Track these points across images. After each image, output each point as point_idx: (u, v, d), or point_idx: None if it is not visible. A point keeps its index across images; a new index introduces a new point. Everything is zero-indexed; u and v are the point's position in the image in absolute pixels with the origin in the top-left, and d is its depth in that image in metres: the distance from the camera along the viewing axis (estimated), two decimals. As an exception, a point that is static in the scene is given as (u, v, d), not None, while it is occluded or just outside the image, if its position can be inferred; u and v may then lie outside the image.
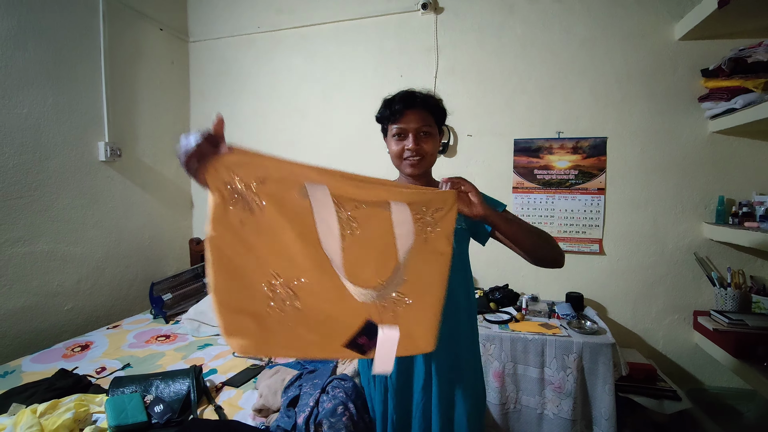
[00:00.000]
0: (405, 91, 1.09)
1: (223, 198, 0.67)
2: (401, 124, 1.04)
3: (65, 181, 1.97)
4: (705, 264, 1.96)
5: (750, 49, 1.69)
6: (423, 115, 1.04)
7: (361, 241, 0.79)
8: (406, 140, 1.05)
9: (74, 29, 2.01)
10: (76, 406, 1.16)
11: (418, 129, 1.04)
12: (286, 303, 0.71)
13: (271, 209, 0.70)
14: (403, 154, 1.05)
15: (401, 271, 0.84)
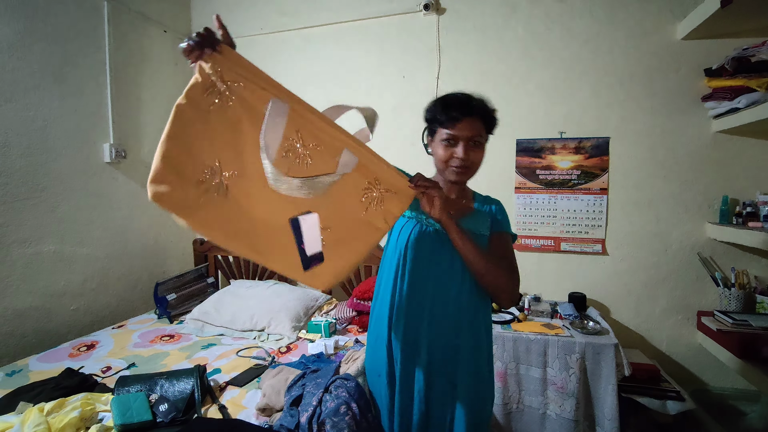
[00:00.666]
0: (461, 95, 1.05)
1: (203, 82, 0.77)
2: (454, 131, 1.02)
3: (71, 182, 2.00)
4: (709, 264, 1.95)
5: (753, 49, 1.69)
6: (477, 124, 1.02)
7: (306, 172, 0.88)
8: (455, 148, 1.02)
9: (79, 33, 2.03)
10: (82, 405, 1.18)
11: (470, 138, 1.01)
12: (215, 191, 0.79)
13: (238, 109, 0.80)
14: (450, 162, 1.03)
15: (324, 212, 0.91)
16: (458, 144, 1.02)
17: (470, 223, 1.08)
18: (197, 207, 0.77)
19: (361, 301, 2.02)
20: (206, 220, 0.79)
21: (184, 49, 0.75)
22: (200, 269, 2.52)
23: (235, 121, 0.80)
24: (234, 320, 1.99)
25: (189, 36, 0.75)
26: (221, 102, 0.79)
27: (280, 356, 1.72)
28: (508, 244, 1.12)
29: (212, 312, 2.05)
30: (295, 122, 0.85)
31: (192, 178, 0.77)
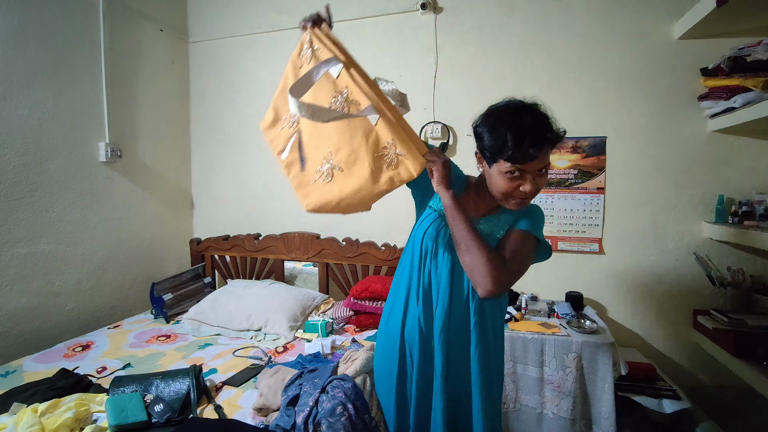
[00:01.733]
0: (532, 122, 0.90)
1: (299, 48, 1.13)
2: (524, 166, 0.90)
3: (66, 181, 1.98)
4: (705, 263, 1.96)
5: (749, 48, 1.69)
6: (547, 155, 0.92)
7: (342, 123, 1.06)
8: (522, 180, 0.92)
9: (74, 29, 2.01)
10: (76, 406, 1.17)
11: (540, 168, 0.92)
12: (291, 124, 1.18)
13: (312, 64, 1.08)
14: (514, 194, 0.94)
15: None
16: (526, 178, 0.91)
17: (487, 225, 1.04)
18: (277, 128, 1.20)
19: (358, 301, 2.01)
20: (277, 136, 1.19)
21: (304, 21, 1.10)
22: (197, 269, 2.51)
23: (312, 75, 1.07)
24: (231, 320, 1.99)
25: (304, 18, 1.10)
26: (304, 62, 1.11)
27: (276, 356, 1.71)
28: (521, 242, 1.00)
29: (209, 312, 2.05)
30: (346, 81, 1.06)
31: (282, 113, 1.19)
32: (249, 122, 2.64)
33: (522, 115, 0.92)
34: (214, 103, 2.72)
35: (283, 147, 1.18)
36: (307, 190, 1.12)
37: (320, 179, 1.09)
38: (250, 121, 2.64)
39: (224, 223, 2.72)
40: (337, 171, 1.07)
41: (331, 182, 1.08)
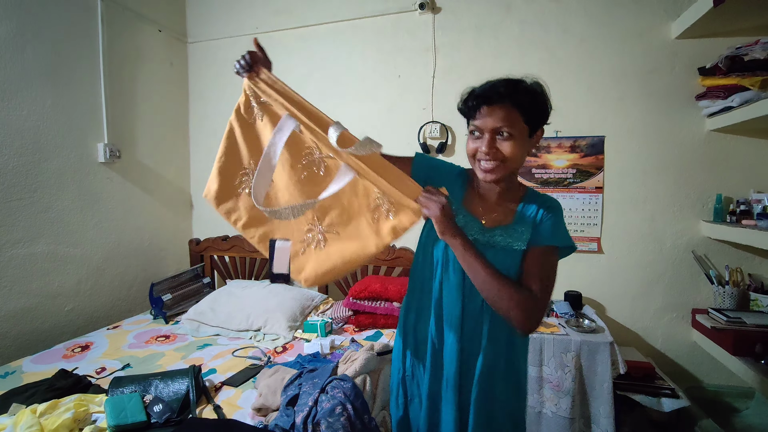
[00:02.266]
0: (493, 81, 0.92)
1: (246, 101, 1.03)
2: (477, 122, 0.91)
3: (65, 182, 1.98)
4: (703, 262, 1.96)
5: (747, 47, 1.70)
6: (505, 113, 0.88)
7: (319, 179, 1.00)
8: (481, 140, 0.91)
9: (72, 31, 2.01)
10: (75, 406, 1.17)
11: (496, 129, 0.89)
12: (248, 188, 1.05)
13: (266, 122, 1.02)
14: (476, 155, 0.93)
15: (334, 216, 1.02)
16: (482, 136, 0.91)
17: (504, 236, 0.96)
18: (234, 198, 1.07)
19: (357, 301, 2.01)
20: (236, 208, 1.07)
21: (237, 69, 1.01)
22: (196, 269, 2.51)
23: (263, 134, 1.02)
24: (230, 320, 1.99)
25: (235, 62, 1.01)
26: (255, 117, 1.03)
27: (276, 356, 1.71)
28: (546, 262, 0.95)
29: (208, 312, 2.05)
30: (309, 136, 0.98)
31: (233, 179, 1.06)
32: (248, 123, 2.64)
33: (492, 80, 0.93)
34: (213, 103, 2.72)
35: (247, 218, 1.05)
36: (298, 264, 1.02)
37: (311, 247, 1.01)
38: (248, 122, 2.64)
39: (223, 223, 2.69)
40: (332, 235, 0.99)
41: (326, 247, 0.99)
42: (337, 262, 0.99)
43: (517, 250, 0.95)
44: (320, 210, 1.00)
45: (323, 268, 1.00)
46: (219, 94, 2.70)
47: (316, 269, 1.01)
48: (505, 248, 0.95)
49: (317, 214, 1.00)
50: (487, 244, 0.96)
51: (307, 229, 1.02)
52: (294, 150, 1.00)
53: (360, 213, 0.98)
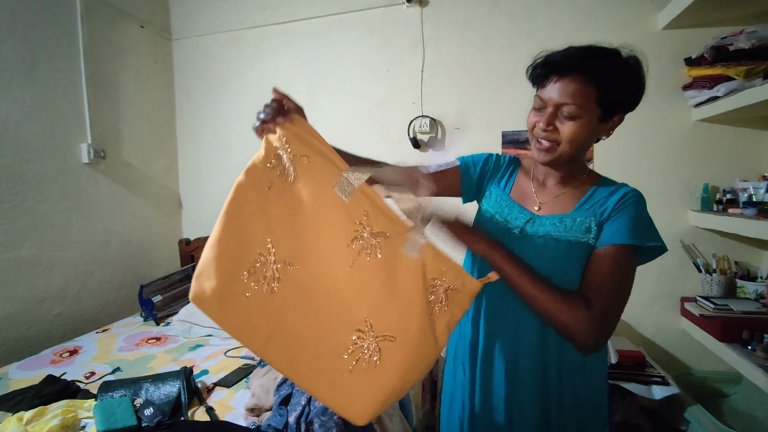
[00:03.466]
0: (568, 48, 0.80)
1: (267, 156, 0.73)
2: (540, 93, 0.80)
3: (48, 184, 1.94)
4: (691, 251, 1.99)
5: (732, 37, 1.71)
6: (575, 89, 0.75)
7: (373, 269, 0.73)
8: (542, 114, 0.79)
9: (51, 28, 1.96)
10: (63, 413, 1.15)
11: (560, 105, 0.76)
12: (264, 281, 0.70)
13: (301, 186, 0.73)
14: (534, 131, 0.81)
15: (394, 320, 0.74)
16: (544, 111, 0.79)
17: (556, 227, 0.82)
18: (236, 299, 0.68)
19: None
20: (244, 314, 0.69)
21: (256, 128, 0.74)
22: (186, 270, 2.48)
23: (296, 203, 0.73)
24: (221, 320, 1.97)
25: (259, 111, 0.73)
26: (284, 178, 0.73)
27: (269, 355, 1.70)
28: (611, 266, 0.77)
29: (199, 313, 2.02)
30: (362, 203, 0.73)
31: (241, 268, 0.69)
32: (236, 120, 2.61)
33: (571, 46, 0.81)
34: (199, 100, 2.67)
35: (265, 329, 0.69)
36: (345, 394, 0.70)
37: (362, 364, 0.71)
38: (236, 119, 2.60)
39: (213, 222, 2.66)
40: (387, 342, 0.72)
41: (380, 363, 0.71)
42: (395, 380, 0.71)
43: (573, 242, 0.80)
44: (371, 308, 0.73)
45: (382, 395, 0.71)
46: (205, 92, 2.65)
47: (374, 396, 0.70)
48: (558, 239, 0.81)
49: (367, 314, 0.72)
50: (535, 234, 0.83)
51: (356, 337, 0.72)
52: (338, 228, 0.73)
53: (418, 306, 0.74)
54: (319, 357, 0.71)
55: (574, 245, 0.80)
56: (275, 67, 2.51)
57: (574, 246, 0.80)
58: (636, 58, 0.79)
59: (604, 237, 0.79)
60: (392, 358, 0.72)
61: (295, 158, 0.72)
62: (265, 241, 0.71)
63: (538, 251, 0.82)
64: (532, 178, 0.93)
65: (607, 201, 0.82)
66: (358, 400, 0.70)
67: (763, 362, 1.47)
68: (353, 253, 0.72)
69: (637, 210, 0.81)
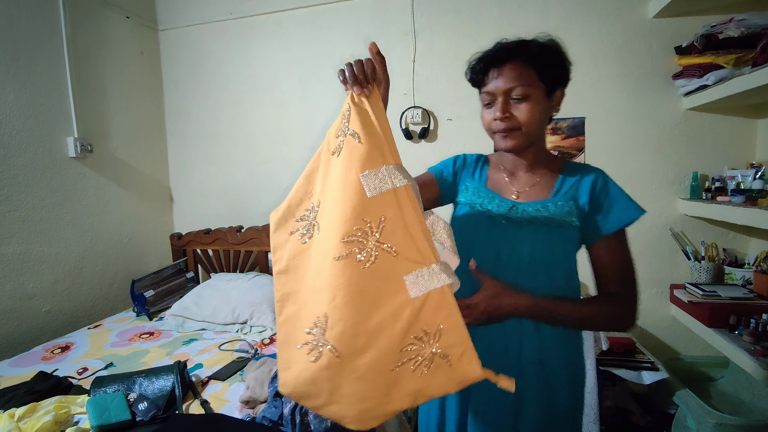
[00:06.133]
0: (499, 43, 0.85)
1: (338, 121, 0.76)
2: (487, 87, 0.83)
3: (34, 179, 1.90)
4: (680, 239, 2.01)
5: (721, 25, 1.71)
6: (517, 72, 0.80)
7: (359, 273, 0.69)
8: (494, 107, 0.83)
9: (32, 19, 1.90)
10: (56, 408, 1.14)
11: (508, 91, 0.81)
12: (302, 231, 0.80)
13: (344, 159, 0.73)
14: (492, 127, 0.84)
15: None
16: (495, 102, 0.83)
17: (541, 212, 0.85)
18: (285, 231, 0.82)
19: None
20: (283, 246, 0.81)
21: (341, 80, 0.75)
22: (178, 264, 2.46)
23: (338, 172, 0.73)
24: (215, 314, 1.96)
25: (352, 63, 0.74)
26: (338, 149, 0.74)
27: (263, 348, 1.70)
28: (619, 251, 0.85)
29: (192, 307, 2.02)
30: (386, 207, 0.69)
31: (296, 211, 0.81)
32: (225, 112, 2.57)
33: None
34: (188, 93, 2.63)
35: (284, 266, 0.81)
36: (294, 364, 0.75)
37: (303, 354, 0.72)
38: (226, 111, 2.57)
39: (205, 216, 2.66)
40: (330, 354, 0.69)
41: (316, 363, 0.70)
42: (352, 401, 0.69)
43: (561, 224, 0.84)
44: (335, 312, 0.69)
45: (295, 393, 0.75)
46: (194, 83, 2.61)
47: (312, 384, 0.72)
48: (547, 223, 0.84)
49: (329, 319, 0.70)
50: (522, 219, 0.86)
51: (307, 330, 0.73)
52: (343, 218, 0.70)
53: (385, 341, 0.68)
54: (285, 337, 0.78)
55: (564, 227, 0.84)
56: (265, 57, 2.48)
57: (564, 228, 0.84)
58: (554, 41, 0.86)
59: (603, 226, 0.85)
60: (328, 370, 0.69)
61: (348, 134, 0.73)
62: (315, 199, 0.78)
63: (530, 236, 0.84)
64: (502, 170, 0.96)
65: (579, 186, 0.88)
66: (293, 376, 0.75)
67: (750, 346, 1.50)
68: (343, 248, 0.69)
69: (617, 191, 0.88)
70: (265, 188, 2.55)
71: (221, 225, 2.56)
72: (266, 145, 2.53)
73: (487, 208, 0.89)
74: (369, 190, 0.69)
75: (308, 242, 0.77)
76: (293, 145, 2.48)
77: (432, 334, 0.67)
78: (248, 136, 2.55)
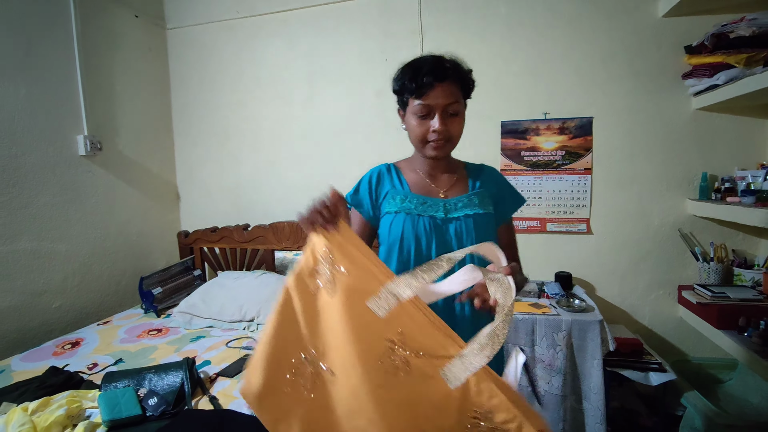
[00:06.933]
0: (432, 58, 0.93)
1: (312, 262, 0.75)
2: (427, 100, 0.90)
3: (44, 177, 1.92)
4: (689, 239, 2.00)
5: (732, 24, 1.69)
6: (452, 90, 0.91)
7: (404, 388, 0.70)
8: (431, 120, 0.91)
9: (44, 17, 1.92)
10: (68, 403, 1.16)
11: (447, 107, 0.91)
12: (304, 384, 0.75)
13: (338, 298, 0.72)
14: (428, 137, 0.93)
15: None
16: (434, 115, 0.91)
17: (470, 203, 0.98)
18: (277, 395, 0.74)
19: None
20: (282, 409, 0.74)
21: (302, 224, 0.75)
22: (186, 262, 2.48)
23: (334, 313, 0.73)
24: (222, 311, 1.98)
25: (311, 208, 0.73)
26: (324, 286, 0.74)
27: (270, 346, 1.71)
28: (513, 231, 1.09)
29: (200, 304, 2.03)
30: (399, 320, 0.71)
31: (284, 369, 0.75)
32: (232, 110, 2.58)
33: (428, 56, 0.95)
34: (195, 91, 2.64)
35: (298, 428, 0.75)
36: None
37: None
38: (233, 109, 2.58)
39: (212, 214, 2.68)
40: None
41: None
42: None
43: (488, 215, 0.98)
44: None
45: None
46: (201, 82, 2.62)
47: None
48: (478, 215, 0.97)
49: None
50: (459, 215, 0.97)
51: None
52: (370, 344, 0.71)
53: None
54: None
55: (488, 216, 0.99)
56: (271, 56, 2.49)
57: (488, 216, 0.99)
58: (459, 59, 0.98)
59: (506, 212, 1.05)
60: None
61: (335, 269, 0.73)
62: (308, 346, 0.75)
63: (466, 228, 0.95)
64: (421, 174, 1.03)
65: (485, 179, 1.03)
66: None
67: (759, 348, 1.49)
68: (382, 371, 0.70)
69: (508, 183, 1.08)
70: (271, 187, 2.56)
71: (228, 223, 2.57)
72: (272, 143, 2.54)
73: (422, 210, 0.97)
74: (381, 313, 0.71)
75: (317, 390, 0.74)
76: (299, 143, 2.49)
77: (484, 415, 0.68)
78: (255, 134, 2.57)
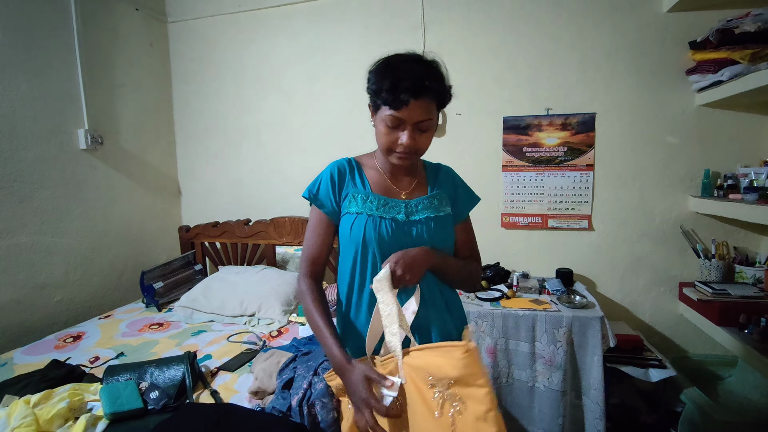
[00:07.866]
0: (414, 68, 0.86)
1: None
2: (400, 114, 0.86)
3: (45, 171, 1.92)
4: (690, 236, 1.99)
5: (737, 20, 1.68)
6: (428, 107, 0.87)
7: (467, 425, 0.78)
8: (401, 132, 0.88)
9: (44, 11, 1.91)
10: (70, 396, 1.16)
11: (419, 122, 0.88)
12: None
13: None
14: (395, 148, 0.90)
15: None
16: (404, 128, 0.88)
17: (430, 205, 0.99)
18: None
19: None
20: None
21: None
22: (187, 256, 2.48)
23: None
24: (223, 306, 1.98)
25: None
26: None
27: (271, 340, 1.72)
28: (472, 229, 1.10)
29: (201, 299, 2.03)
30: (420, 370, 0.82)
31: None
32: (233, 105, 2.57)
33: (411, 62, 0.88)
34: (197, 86, 2.63)
35: None
36: None
37: None
38: (234, 104, 2.57)
39: (213, 209, 2.68)
40: None
41: None
42: None
43: (447, 215, 1.01)
44: None
45: None
46: (202, 76, 2.61)
47: None
48: (438, 216, 0.98)
49: None
50: (420, 216, 0.97)
51: None
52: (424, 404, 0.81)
53: None
54: None
55: (447, 216, 1.00)
56: (273, 50, 2.47)
57: (447, 216, 1.00)
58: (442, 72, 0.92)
59: (463, 211, 1.07)
60: None
61: None
62: None
63: (431, 229, 0.96)
64: (383, 173, 1.02)
65: (443, 179, 1.05)
66: None
67: (759, 345, 1.49)
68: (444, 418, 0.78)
69: (463, 182, 1.10)
70: (272, 182, 2.56)
71: (229, 218, 2.57)
72: (274, 138, 2.53)
73: (384, 212, 0.95)
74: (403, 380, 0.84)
75: None
76: (301, 138, 2.48)
77: None
78: (256, 129, 2.56)
